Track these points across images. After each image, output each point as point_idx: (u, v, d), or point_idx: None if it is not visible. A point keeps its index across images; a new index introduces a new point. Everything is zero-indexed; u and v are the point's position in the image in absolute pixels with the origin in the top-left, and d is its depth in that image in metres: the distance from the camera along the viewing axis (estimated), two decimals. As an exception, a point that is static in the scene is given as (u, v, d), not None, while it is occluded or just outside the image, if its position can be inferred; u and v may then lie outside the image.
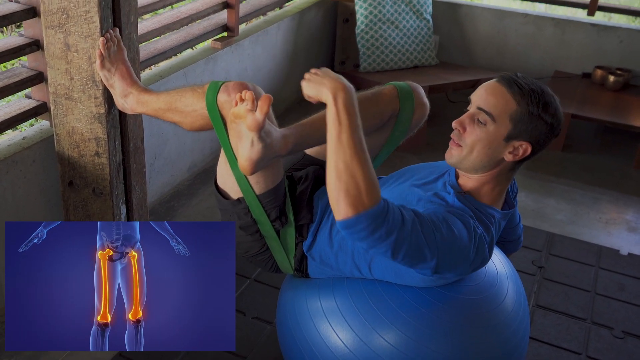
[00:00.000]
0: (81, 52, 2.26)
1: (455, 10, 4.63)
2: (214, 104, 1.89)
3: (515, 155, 1.73)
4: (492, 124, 1.70)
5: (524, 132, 1.70)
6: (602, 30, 4.35)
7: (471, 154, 1.75)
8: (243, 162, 1.81)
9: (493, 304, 1.91)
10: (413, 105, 2.06)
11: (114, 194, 2.44)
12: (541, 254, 3.00)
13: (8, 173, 2.36)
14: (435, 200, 1.80)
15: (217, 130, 1.92)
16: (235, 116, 1.74)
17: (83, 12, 2.20)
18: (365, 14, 4.10)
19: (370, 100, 2.02)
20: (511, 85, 1.70)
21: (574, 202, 3.47)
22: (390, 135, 2.11)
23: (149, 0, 2.98)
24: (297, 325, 2.04)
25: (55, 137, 2.43)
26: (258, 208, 1.97)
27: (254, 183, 1.93)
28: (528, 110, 1.68)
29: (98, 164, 2.39)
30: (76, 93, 2.32)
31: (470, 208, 1.77)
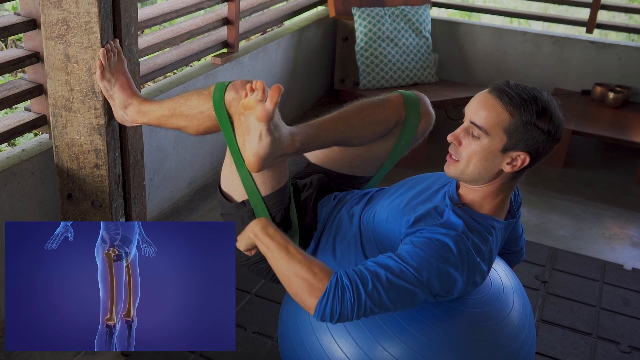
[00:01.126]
0: (81, 63, 2.24)
1: (454, 29, 4.63)
2: (222, 102, 1.87)
3: (513, 166, 1.70)
4: (486, 137, 1.67)
5: (520, 143, 1.66)
6: (601, 47, 4.35)
7: (468, 167, 1.72)
8: (250, 158, 1.78)
9: (499, 317, 1.86)
10: (419, 114, 2.04)
11: (113, 206, 2.40)
12: (545, 268, 2.96)
13: (6, 185, 2.32)
14: (428, 214, 1.76)
15: (224, 129, 1.90)
16: (245, 107, 1.71)
17: (83, 22, 2.18)
18: (364, 31, 4.09)
19: (378, 106, 2.00)
20: (502, 97, 1.66)
21: (576, 217, 3.44)
22: (396, 144, 2.09)
23: (149, 15, 2.97)
24: (299, 340, 1.99)
25: (55, 149, 2.39)
26: (263, 210, 1.94)
27: (260, 184, 1.91)
28: (522, 121, 1.64)
29: (97, 176, 2.36)
30: (76, 104, 2.29)
31: (465, 220, 1.72)
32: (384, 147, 2.10)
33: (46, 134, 2.54)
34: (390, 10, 4.16)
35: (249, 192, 1.92)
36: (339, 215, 1.99)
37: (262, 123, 1.69)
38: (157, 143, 3.05)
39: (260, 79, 3.83)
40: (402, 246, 1.69)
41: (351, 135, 1.97)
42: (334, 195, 2.09)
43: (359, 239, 1.91)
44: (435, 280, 1.64)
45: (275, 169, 1.90)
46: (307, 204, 2.04)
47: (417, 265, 1.62)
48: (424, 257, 1.63)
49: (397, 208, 1.84)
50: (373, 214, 1.90)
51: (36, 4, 2.34)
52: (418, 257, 1.63)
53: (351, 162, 2.14)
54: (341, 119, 1.96)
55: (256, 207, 1.93)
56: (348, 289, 1.59)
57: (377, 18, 4.11)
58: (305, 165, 2.17)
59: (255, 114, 1.69)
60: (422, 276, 1.63)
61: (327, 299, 1.59)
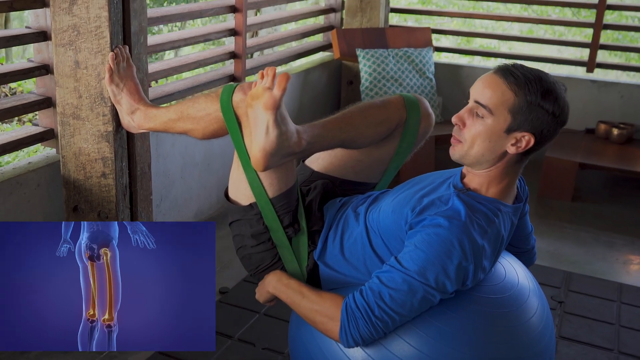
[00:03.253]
0: (90, 68, 2.21)
1: (456, 72, 4.64)
2: (229, 103, 1.85)
3: (518, 147, 1.65)
4: (490, 117, 1.63)
5: (524, 123, 1.62)
6: (603, 86, 4.35)
7: (472, 149, 1.68)
8: (257, 154, 1.75)
9: (517, 303, 1.78)
10: (419, 115, 2.02)
11: (119, 217, 2.32)
12: (560, 290, 2.85)
13: (12, 194, 2.26)
14: (429, 205, 1.70)
15: (231, 131, 1.87)
16: (253, 97, 1.70)
17: (94, 27, 2.16)
18: (369, 71, 4.09)
19: (379, 107, 1.99)
20: (507, 76, 1.63)
21: (588, 245, 3.35)
22: (398, 147, 2.06)
23: (158, 41, 2.97)
24: (313, 341, 1.89)
25: (61, 160, 2.34)
26: (271, 213, 1.88)
27: (267, 185, 1.86)
28: (526, 100, 1.61)
29: (104, 185, 2.29)
30: (84, 111, 2.25)
31: (468, 204, 1.66)
32: (386, 151, 2.07)
33: (53, 148, 2.49)
34: (394, 52, 4.17)
35: (257, 194, 1.87)
36: (345, 214, 1.95)
37: (270, 112, 1.67)
38: (164, 168, 3.00)
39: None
40: (405, 248, 1.66)
41: (355, 135, 1.94)
42: (339, 199, 2.05)
43: (366, 235, 1.85)
44: (444, 279, 1.60)
45: (283, 171, 1.86)
46: (312, 206, 1.99)
47: (422, 270, 1.60)
48: (426, 259, 1.60)
49: (402, 201, 1.79)
50: (378, 210, 1.85)
51: (47, 16, 2.33)
52: (421, 261, 1.60)
53: (354, 168, 2.10)
54: (345, 120, 1.94)
55: (264, 210, 1.88)
56: (359, 317, 1.63)
57: (381, 59, 4.12)
58: (310, 173, 2.13)
59: (262, 101, 1.67)
60: (429, 280, 1.59)
61: (346, 330, 1.64)
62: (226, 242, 3.11)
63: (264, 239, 1.93)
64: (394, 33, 4.33)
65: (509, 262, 1.90)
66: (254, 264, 1.99)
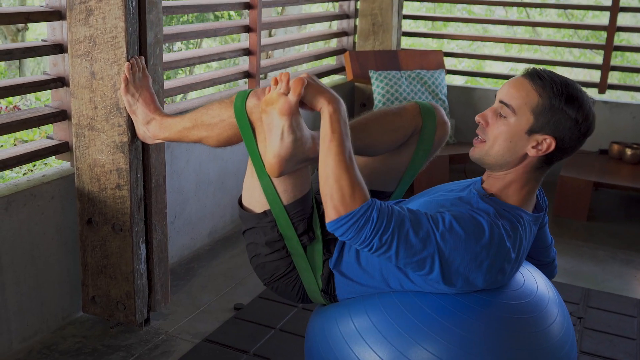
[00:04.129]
0: (106, 79, 2.17)
1: (469, 94, 4.60)
2: (243, 109, 1.80)
3: (538, 150, 1.62)
4: (513, 116, 1.62)
5: (546, 126, 1.59)
6: (614, 107, 4.29)
7: (493, 148, 1.65)
8: (271, 160, 1.71)
9: (536, 309, 1.72)
10: (435, 123, 1.98)
11: (134, 230, 2.26)
12: (579, 306, 2.76)
13: (25, 206, 2.20)
14: (458, 202, 1.68)
15: (245, 136, 1.82)
16: (267, 103, 1.67)
17: (110, 37, 2.13)
18: (382, 92, 4.05)
19: (394, 114, 1.96)
20: (533, 78, 1.62)
21: (605, 262, 3.26)
22: (414, 154, 2.01)
23: (173, 58, 2.94)
24: (330, 351, 1.81)
25: (76, 172, 2.29)
26: (285, 220, 1.83)
27: (282, 192, 1.81)
28: (550, 103, 1.59)
29: (119, 197, 2.24)
30: (99, 122, 2.21)
31: (494, 208, 1.64)
32: (402, 159, 2.02)
33: (67, 162, 2.44)
34: (407, 74, 4.13)
35: (271, 201, 1.82)
36: None
37: (285, 117, 1.64)
38: (178, 185, 2.95)
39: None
40: (441, 214, 1.61)
41: (370, 142, 1.91)
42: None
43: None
44: (456, 255, 1.57)
45: (297, 177, 1.81)
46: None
47: (445, 234, 1.55)
48: (455, 230, 1.56)
49: (423, 205, 1.74)
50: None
51: (63, 29, 2.30)
52: (449, 227, 1.56)
53: (370, 176, 2.04)
54: (361, 126, 1.91)
55: (278, 217, 1.83)
56: (371, 223, 1.53)
57: (394, 80, 4.08)
58: None
59: (277, 107, 1.63)
60: (445, 247, 1.56)
61: (348, 221, 1.54)
62: (240, 259, 3.05)
63: (278, 247, 1.87)
64: (407, 55, 4.30)
65: (527, 270, 1.86)
66: (268, 273, 1.93)
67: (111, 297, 2.34)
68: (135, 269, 2.28)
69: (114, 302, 2.34)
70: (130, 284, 2.29)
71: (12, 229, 2.17)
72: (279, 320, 2.51)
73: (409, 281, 1.70)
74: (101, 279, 2.33)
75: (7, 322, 2.20)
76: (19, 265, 2.22)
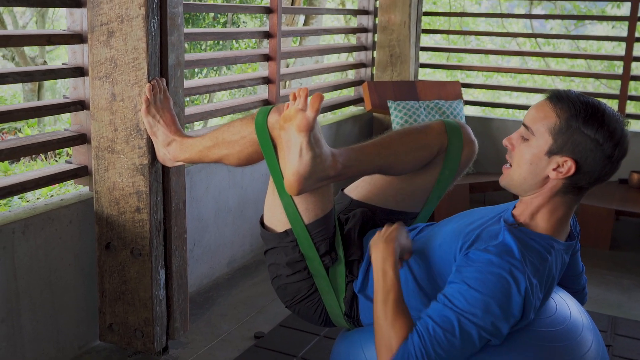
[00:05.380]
0: (127, 100, 2.09)
1: (487, 125, 4.50)
2: (264, 125, 1.73)
3: (559, 173, 1.50)
4: (533, 138, 1.52)
5: (565, 147, 1.48)
6: (633, 136, 4.16)
7: (516, 172, 1.56)
8: (290, 177, 1.63)
9: (570, 336, 1.61)
10: (462, 141, 1.88)
11: (153, 254, 2.16)
12: (607, 334, 2.62)
13: (43, 230, 2.11)
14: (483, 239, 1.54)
15: (266, 153, 1.74)
16: (285, 119, 1.60)
17: (131, 59, 2.06)
18: (400, 122, 3.96)
19: (420, 132, 1.86)
20: (553, 99, 1.53)
21: (631, 291, 3.11)
22: (440, 174, 1.90)
23: (194, 85, 2.87)
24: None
25: (95, 196, 2.20)
26: (307, 240, 1.74)
27: (303, 210, 1.72)
28: (567, 123, 1.48)
29: (138, 220, 2.14)
30: (119, 145, 2.12)
31: (521, 240, 1.50)
32: (428, 178, 1.92)
33: (86, 186, 2.35)
34: (425, 104, 4.04)
35: (292, 220, 1.73)
36: None
37: (303, 134, 1.57)
38: (197, 213, 2.85)
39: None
40: (454, 284, 1.48)
41: (394, 160, 1.81)
42: (379, 229, 1.87)
43: (408, 270, 1.68)
44: (499, 320, 1.44)
45: (318, 195, 1.72)
46: (351, 234, 1.83)
47: (476, 310, 1.43)
48: (481, 300, 1.43)
49: (450, 234, 1.62)
50: (424, 242, 1.69)
51: (84, 53, 2.23)
52: (475, 301, 1.43)
53: (395, 197, 1.95)
54: (384, 144, 1.81)
55: (299, 236, 1.74)
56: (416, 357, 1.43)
57: (412, 110, 3.99)
58: (349, 202, 1.98)
59: (295, 123, 1.57)
60: (485, 322, 1.43)
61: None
62: (260, 288, 2.93)
63: (299, 268, 1.77)
64: (425, 86, 4.22)
65: (559, 296, 1.73)
66: (290, 295, 1.83)
67: (129, 324, 2.22)
68: (154, 295, 2.17)
69: (131, 329, 2.22)
70: (149, 310, 2.17)
71: (29, 253, 2.08)
72: (301, 348, 2.38)
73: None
74: (119, 306, 2.22)
75: (22, 350, 2.09)
76: (35, 290, 2.11)
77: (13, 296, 2.04)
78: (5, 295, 2.02)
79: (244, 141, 1.81)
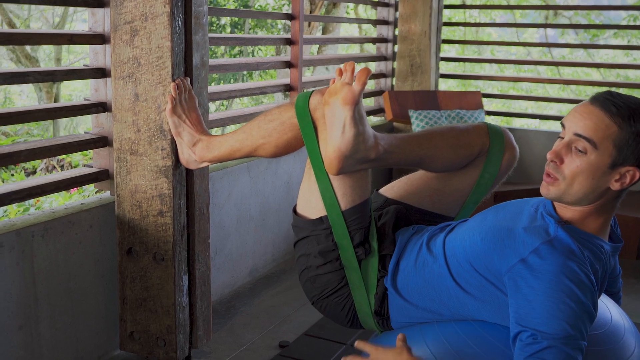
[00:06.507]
0: (150, 101, 1.99)
1: (507, 135, 4.38)
2: (306, 107, 1.64)
3: (623, 183, 1.40)
4: (594, 151, 1.38)
5: (630, 157, 1.37)
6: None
7: (572, 187, 1.41)
8: (331, 154, 1.56)
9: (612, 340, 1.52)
10: (503, 145, 1.78)
11: (176, 259, 2.05)
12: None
13: (63, 234, 2.00)
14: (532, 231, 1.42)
15: (306, 136, 1.65)
16: (331, 94, 1.54)
17: (155, 58, 1.96)
18: (422, 132, 3.85)
19: (462, 130, 1.77)
20: (608, 107, 1.38)
21: (664, 302, 2.97)
22: (480, 177, 1.80)
23: (215, 90, 2.78)
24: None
25: (116, 200, 2.09)
26: (342, 227, 1.64)
27: (340, 195, 1.64)
28: (632, 132, 1.36)
29: (161, 224, 2.03)
30: (142, 146, 2.02)
31: (574, 237, 1.40)
32: (466, 181, 1.82)
33: (107, 191, 2.25)
34: (447, 113, 3.93)
35: (328, 205, 1.65)
36: (421, 241, 1.68)
37: (348, 107, 1.51)
38: (219, 219, 2.74)
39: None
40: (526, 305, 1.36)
41: (434, 154, 1.73)
42: (413, 226, 1.79)
43: (445, 264, 1.58)
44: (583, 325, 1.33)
45: (357, 180, 1.65)
46: (385, 228, 1.74)
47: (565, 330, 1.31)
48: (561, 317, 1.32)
49: (492, 228, 1.51)
50: (462, 239, 1.57)
51: (106, 53, 2.14)
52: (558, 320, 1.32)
53: (432, 197, 1.85)
54: (425, 137, 1.73)
55: (334, 224, 1.65)
56: None
57: (434, 119, 3.87)
58: (383, 201, 1.88)
59: (341, 96, 1.51)
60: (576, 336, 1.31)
61: None
62: (284, 297, 2.81)
63: (331, 258, 1.68)
64: (445, 96, 4.11)
65: (600, 299, 1.62)
66: (318, 289, 1.73)
67: (151, 332, 2.10)
68: (177, 302, 2.05)
69: (153, 338, 2.10)
70: (172, 317, 2.06)
71: (49, 258, 1.97)
72: (327, 357, 2.25)
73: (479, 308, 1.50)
74: (140, 313, 2.11)
75: (40, 359, 1.98)
76: (54, 297, 2.00)
77: (32, 302, 1.93)
78: (24, 300, 1.91)
79: (283, 127, 1.72)
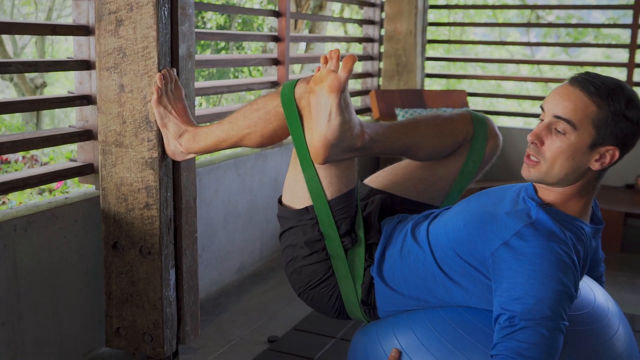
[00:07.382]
0: (136, 91, 1.92)
1: (492, 134, 4.35)
2: (291, 95, 1.60)
3: (602, 163, 1.39)
4: (573, 132, 1.36)
5: (609, 136, 1.36)
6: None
7: (553, 168, 1.40)
8: (317, 143, 1.52)
9: (595, 320, 1.51)
10: (487, 133, 1.77)
11: (163, 253, 1.98)
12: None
13: (47, 228, 1.93)
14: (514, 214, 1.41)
15: (291, 124, 1.61)
16: (317, 82, 1.50)
17: (141, 48, 1.89)
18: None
19: (446, 118, 1.75)
20: (587, 87, 1.37)
21: (647, 292, 2.95)
22: (464, 166, 1.78)
23: (201, 86, 2.72)
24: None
25: (101, 193, 2.02)
26: (328, 217, 1.60)
27: (326, 185, 1.60)
28: (610, 112, 1.35)
29: (147, 217, 1.96)
30: (128, 138, 1.95)
31: (556, 219, 1.38)
32: (451, 169, 1.80)
33: (92, 186, 2.18)
34: (432, 111, 3.90)
35: (314, 195, 1.61)
36: (405, 230, 1.65)
37: (334, 95, 1.47)
38: (207, 216, 2.67)
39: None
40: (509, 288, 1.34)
41: (420, 142, 1.71)
42: (398, 215, 1.76)
43: (429, 252, 1.55)
44: (562, 307, 1.32)
45: (342, 169, 1.61)
46: (371, 218, 1.71)
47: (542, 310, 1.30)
48: (539, 298, 1.31)
49: (475, 214, 1.49)
50: (445, 224, 1.55)
51: (90, 46, 2.07)
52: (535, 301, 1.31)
53: (417, 186, 1.83)
54: (411, 125, 1.72)
55: (320, 213, 1.61)
56: None
57: (419, 117, 3.84)
58: (368, 191, 1.85)
59: (327, 84, 1.47)
60: (555, 316, 1.31)
61: None
62: (272, 294, 2.75)
63: (317, 248, 1.63)
64: (432, 95, 4.08)
65: (583, 281, 1.62)
66: (305, 280, 1.68)
67: (137, 328, 2.03)
68: (164, 296, 1.98)
69: (140, 333, 2.03)
70: (159, 312, 1.99)
71: (32, 253, 1.89)
72: (316, 352, 2.19)
73: (464, 294, 1.48)
74: (127, 309, 2.03)
75: (22, 356, 1.89)
76: (38, 293, 1.93)
77: (14, 298, 1.86)
78: (6, 296, 1.83)
79: (269, 116, 1.67)
